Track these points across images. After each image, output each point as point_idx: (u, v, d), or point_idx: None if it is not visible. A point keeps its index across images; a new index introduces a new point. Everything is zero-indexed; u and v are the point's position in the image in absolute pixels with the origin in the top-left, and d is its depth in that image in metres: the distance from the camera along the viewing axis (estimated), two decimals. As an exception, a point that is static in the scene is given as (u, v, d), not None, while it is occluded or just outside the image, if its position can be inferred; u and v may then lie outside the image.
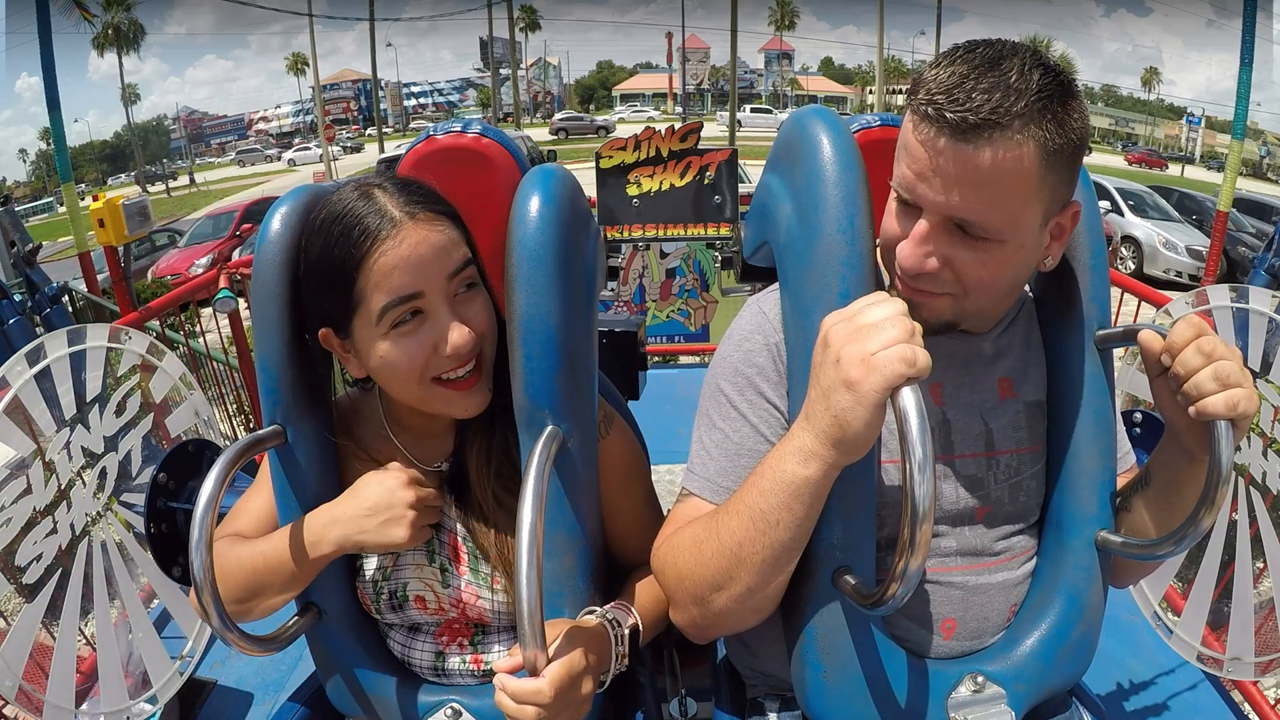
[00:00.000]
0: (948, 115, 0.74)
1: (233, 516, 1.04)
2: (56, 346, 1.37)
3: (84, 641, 1.47)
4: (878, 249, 0.90)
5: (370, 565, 1.00)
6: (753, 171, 10.24)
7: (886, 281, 0.97)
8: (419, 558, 0.99)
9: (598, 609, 0.94)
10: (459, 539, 0.99)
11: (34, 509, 1.30)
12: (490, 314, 0.94)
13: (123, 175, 48.70)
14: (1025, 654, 0.92)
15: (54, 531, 1.33)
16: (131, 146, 50.60)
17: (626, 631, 0.93)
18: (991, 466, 0.93)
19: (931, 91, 0.76)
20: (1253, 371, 1.43)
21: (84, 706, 1.32)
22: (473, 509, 0.98)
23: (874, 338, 0.70)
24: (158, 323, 3.02)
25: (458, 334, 0.88)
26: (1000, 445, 0.94)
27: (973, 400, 0.94)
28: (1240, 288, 1.48)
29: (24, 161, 51.48)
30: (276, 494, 0.98)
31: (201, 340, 3.64)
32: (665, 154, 3.25)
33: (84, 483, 1.41)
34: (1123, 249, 10.79)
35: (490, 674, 1.00)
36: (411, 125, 54.29)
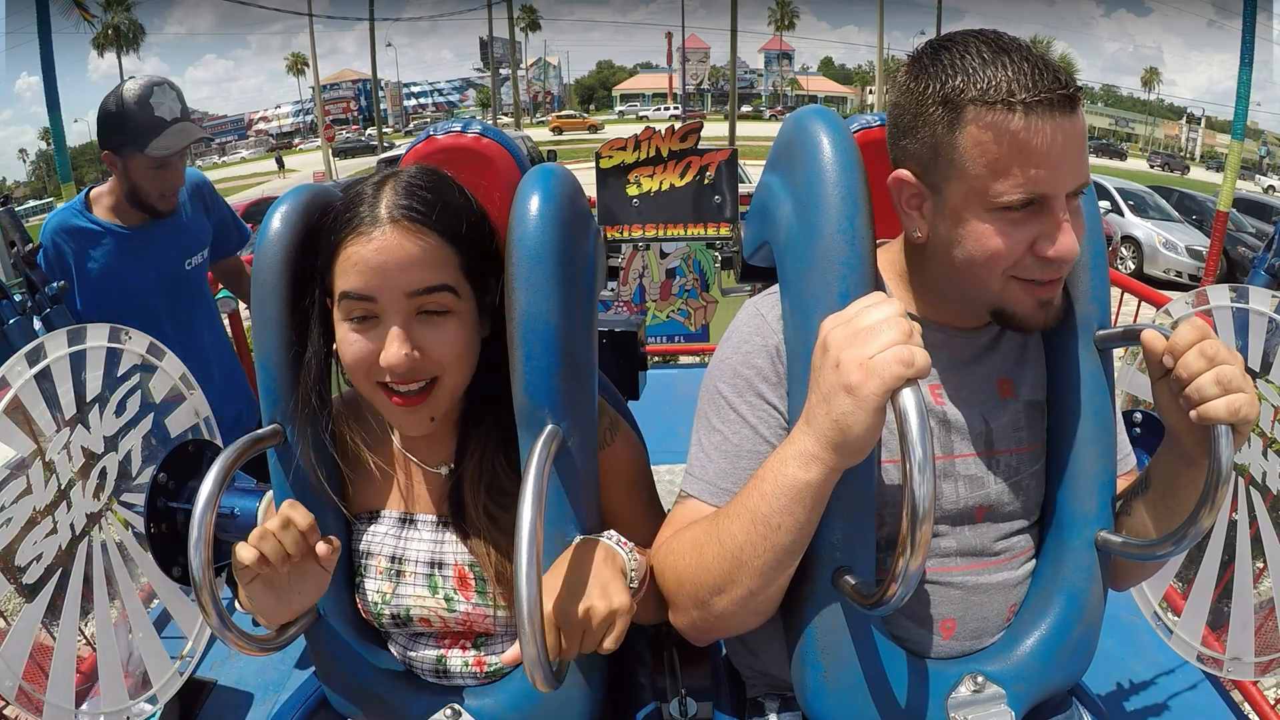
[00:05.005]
0: (1057, 94, 0.76)
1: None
2: (56, 346, 1.37)
3: (84, 641, 1.47)
4: (982, 270, 0.84)
5: (370, 588, 0.99)
6: (753, 172, 10.24)
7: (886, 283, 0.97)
8: (421, 590, 0.97)
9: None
10: (465, 568, 0.97)
11: (34, 509, 1.30)
12: (460, 347, 0.89)
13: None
14: (1025, 654, 0.92)
15: (54, 531, 1.33)
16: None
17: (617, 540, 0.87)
18: (991, 465, 0.93)
19: (1012, 87, 0.76)
20: (1252, 372, 1.43)
21: (84, 706, 1.32)
22: (470, 518, 0.96)
23: (872, 341, 0.70)
24: (158, 323, 3.01)
25: (393, 352, 0.85)
26: (1000, 444, 0.94)
27: (972, 400, 0.94)
28: (1240, 288, 1.48)
29: (24, 161, 51.55)
30: (276, 494, 0.98)
31: (201, 340, 3.63)
32: (665, 154, 3.24)
33: (84, 483, 1.41)
34: (1123, 249, 10.78)
35: (492, 675, 1.00)
36: (410, 127, 54.55)
